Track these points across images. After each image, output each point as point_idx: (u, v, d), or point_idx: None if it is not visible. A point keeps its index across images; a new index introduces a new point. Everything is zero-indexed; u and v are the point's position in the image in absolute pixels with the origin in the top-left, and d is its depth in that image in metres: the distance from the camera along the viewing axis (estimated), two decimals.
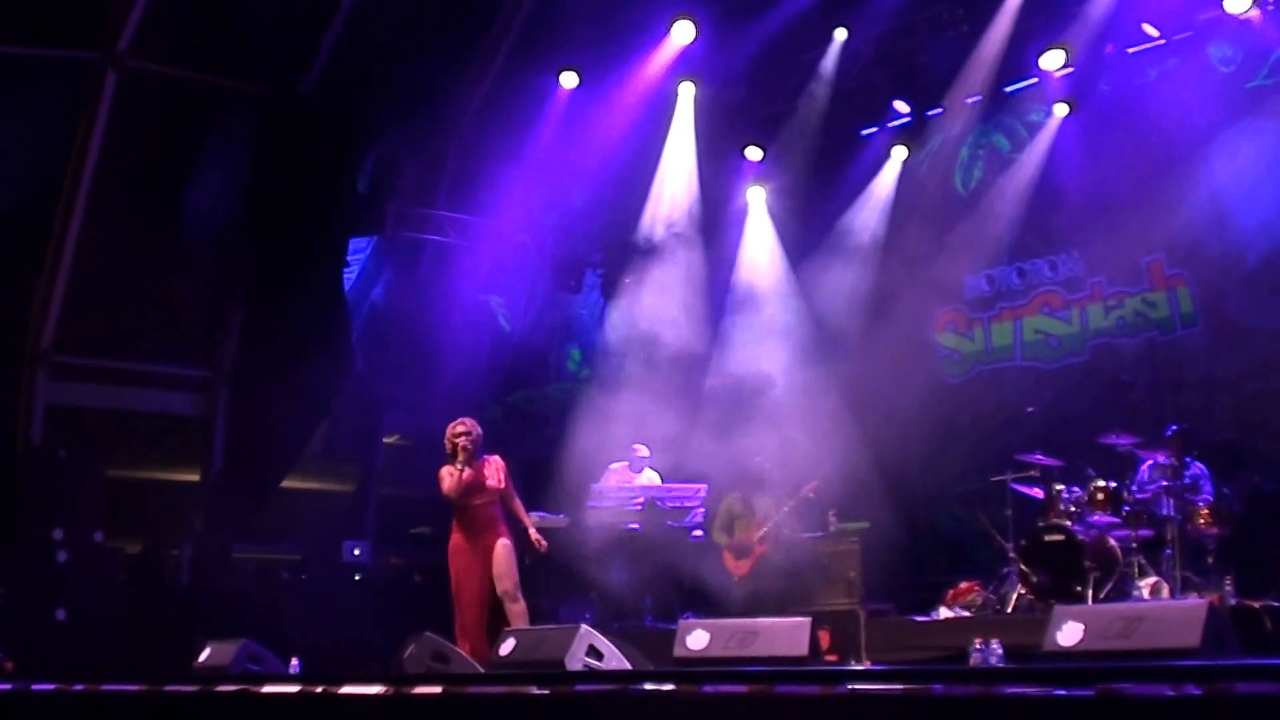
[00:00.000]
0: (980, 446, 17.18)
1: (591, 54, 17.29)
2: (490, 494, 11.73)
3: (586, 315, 20.65)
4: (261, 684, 8.17)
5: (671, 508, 15.20)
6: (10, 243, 16.19)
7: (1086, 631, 6.79)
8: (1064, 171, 17.06)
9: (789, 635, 7.86)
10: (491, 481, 11.73)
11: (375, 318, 19.41)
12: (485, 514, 11.72)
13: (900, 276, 18.56)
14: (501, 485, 11.80)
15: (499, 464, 11.88)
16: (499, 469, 11.83)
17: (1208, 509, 12.59)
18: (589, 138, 17.63)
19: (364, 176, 17.97)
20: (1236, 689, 4.46)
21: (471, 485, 11.61)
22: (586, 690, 6.40)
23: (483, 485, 11.69)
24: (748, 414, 16.66)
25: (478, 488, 11.66)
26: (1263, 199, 15.23)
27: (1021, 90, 17.54)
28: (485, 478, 11.71)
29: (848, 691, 5.34)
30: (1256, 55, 15.58)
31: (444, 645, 9.57)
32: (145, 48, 16.26)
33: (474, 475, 11.63)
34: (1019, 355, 17.80)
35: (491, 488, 11.72)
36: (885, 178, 18.47)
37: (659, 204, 18.27)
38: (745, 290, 18.78)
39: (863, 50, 17.97)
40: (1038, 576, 12.91)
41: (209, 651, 10.67)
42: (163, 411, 17.68)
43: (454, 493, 11.62)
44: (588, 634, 8.70)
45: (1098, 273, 16.99)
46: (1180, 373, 14.96)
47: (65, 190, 16.32)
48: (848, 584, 14.24)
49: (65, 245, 16.37)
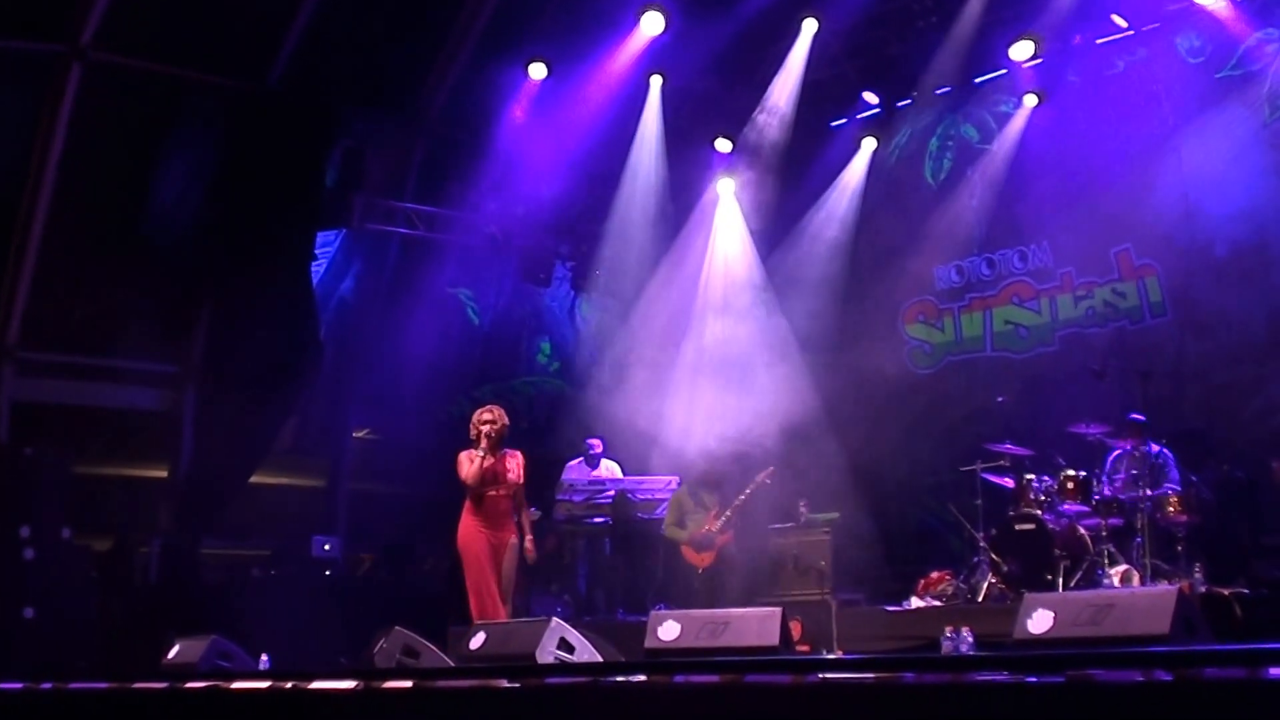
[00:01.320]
0: (951, 436, 17.21)
1: (560, 45, 17.23)
2: (509, 486, 11.62)
3: (556, 308, 20.62)
4: (231, 680, 8.14)
5: (642, 499, 15.20)
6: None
7: (1056, 619, 6.80)
8: (1033, 162, 17.08)
9: (760, 625, 7.85)
10: (512, 475, 11.63)
11: (344, 311, 19.33)
12: (503, 505, 11.61)
13: (870, 267, 18.62)
14: (520, 480, 11.70)
15: (520, 460, 11.78)
16: (520, 464, 11.74)
17: (1177, 497, 12.62)
18: (558, 129, 17.58)
19: (331, 169, 17.88)
20: (1206, 674, 4.47)
21: (490, 475, 11.50)
22: (557, 683, 6.38)
23: (503, 477, 11.58)
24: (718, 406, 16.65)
25: (497, 478, 11.54)
26: (1231, 189, 15.25)
27: (990, 81, 17.57)
28: (506, 470, 11.60)
29: (819, 681, 5.33)
30: (1224, 46, 15.62)
31: (414, 639, 9.53)
32: (110, 40, 16.13)
33: (494, 465, 11.52)
34: (989, 345, 17.83)
35: (511, 481, 11.62)
36: (855, 169, 18.48)
37: (628, 196, 18.22)
38: (715, 282, 18.75)
39: (832, 42, 17.95)
40: (1008, 565, 12.95)
41: (178, 648, 10.63)
42: (130, 407, 17.56)
43: (472, 479, 11.48)
44: (559, 627, 8.69)
45: (1067, 263, 17.02)
46: (1149, 362, 14.96)
47: (30, 184, 16.18)
48: (819, 574, 14.24)
49: (30, 240, 16.22)
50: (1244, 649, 4.85)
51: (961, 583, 13.66)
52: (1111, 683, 4.53)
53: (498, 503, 11.56)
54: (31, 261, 16.31)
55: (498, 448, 11.57)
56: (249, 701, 7.56)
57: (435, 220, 18.54)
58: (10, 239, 16.21)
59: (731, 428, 16.25)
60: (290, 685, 7.40)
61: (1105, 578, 12.33)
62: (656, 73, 17.63)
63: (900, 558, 17.52)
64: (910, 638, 12.47)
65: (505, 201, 18.79)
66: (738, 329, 18.03)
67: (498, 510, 11.56)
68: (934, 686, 4.94)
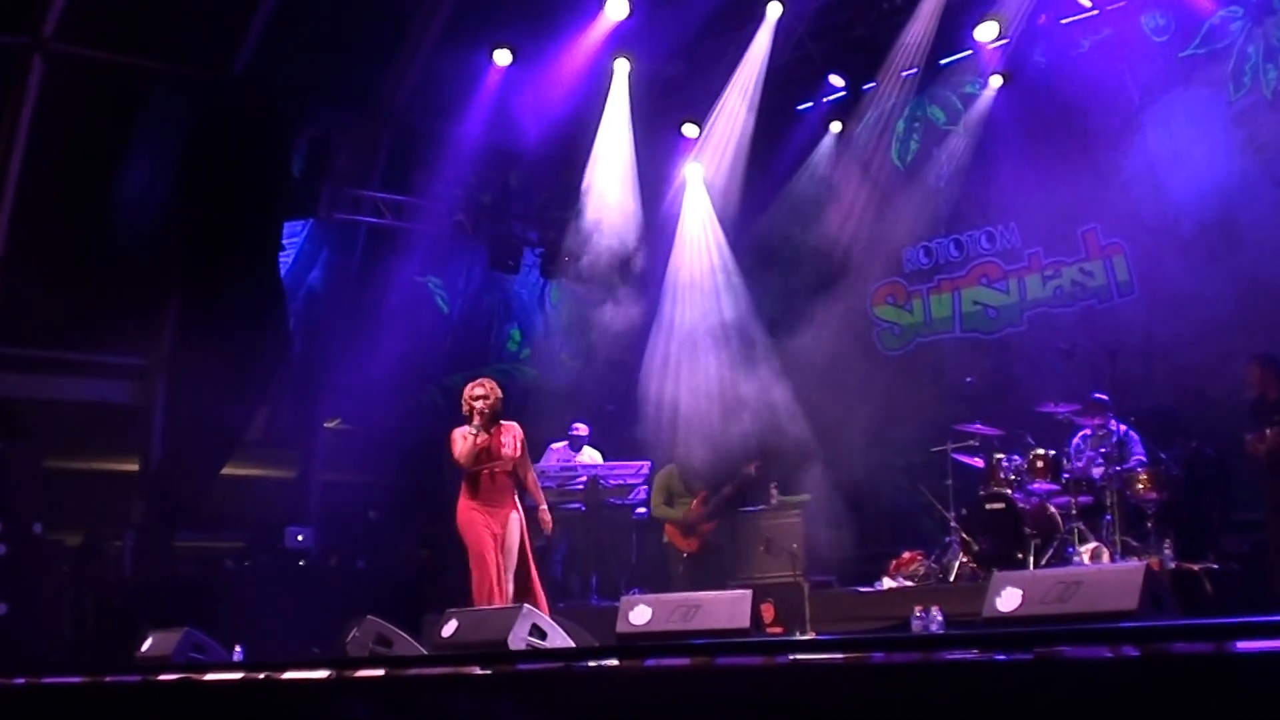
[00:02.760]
0: (921, 418, 17.22)
1: (525, 31, 17.18)
2: (506, 462, 11.26)
3: (526, 295, 20.59)
4: (204, 672, 8.13)
5: (614, 485, 15.24)
6: None
7: (1025, 597, 6.85)
8: (1000, 143, 17.11)
9: (730, 608, 7.90)
10: (508, 450, 11.25)
11: (312, 301, 19.26)
12: (501, 482, 11.26)
13: (838, 250, 18.61)
14: (517, 454, 11.34)
15: (517, 432, 11.43)
16: (516, 437, 11.38)
17: (1147, 474, 12.71)
18: (524, 115, 17.55)
19: (298, 159, 17.80)
20: (1174, 649, 4.49)
21: (486, 452, 11.17)
22: (529, 669, 6.39)
23: (498, 452, 11.22)
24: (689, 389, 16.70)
25: (493, 455, 11.21)
26: (1197, 167, 15.31)
27: (956, 63, 17.58)
28: (501, 445, 11.23)
29: (789, 662, 5.35)
30: (1189, 24, 15.68)
31: (387, 628, 9.54)
32: (72, 32, 16.02)
33: (488, 441, 11.15)
34: (958, 326, 17.88)
35: (508, 456, 11.25)
36: (822, 152, 18.50)
37: (596, 182, 18.19)
38: (683, 266, 18.77)
39: (796, 25, 17.96)
40: (979, 545, 13.03)
41: (151, 641, 10.64)
42: (99, 401, 17.48)
43: (465, 458, 11.13)
44: (530, 613, 8.71)
45: (1034, 243, 17.08)
46: (1118, 341, 15.02)
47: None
48: (791, 557, 14.28)
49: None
50: (1211, 623, 4.87)
51: (933, 563, 13.72)
52: (1079, 659, 4.55)
53: (496, 480, 11.23)
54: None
55: (492, 423, 11.20)
56: (222, 693, 7.55)
57: (403, 209, 18.49)
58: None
59: (703, 412, 16.30)
60: (263, 676, 7.40)
61: (1075, 555, 12.41)
62: (622, 57, 17.58)
63: (872, 539, 17.58)
64: (882, 618, 12.54)
65: (473, 189, 18.76)
66: (707, 313, 18.06)
67: (495, 488, 11.21)
68: (903, 666, 4.96)
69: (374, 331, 18.69)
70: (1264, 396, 12.46)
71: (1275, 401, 12.34)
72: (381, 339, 18.68)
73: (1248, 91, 15.23)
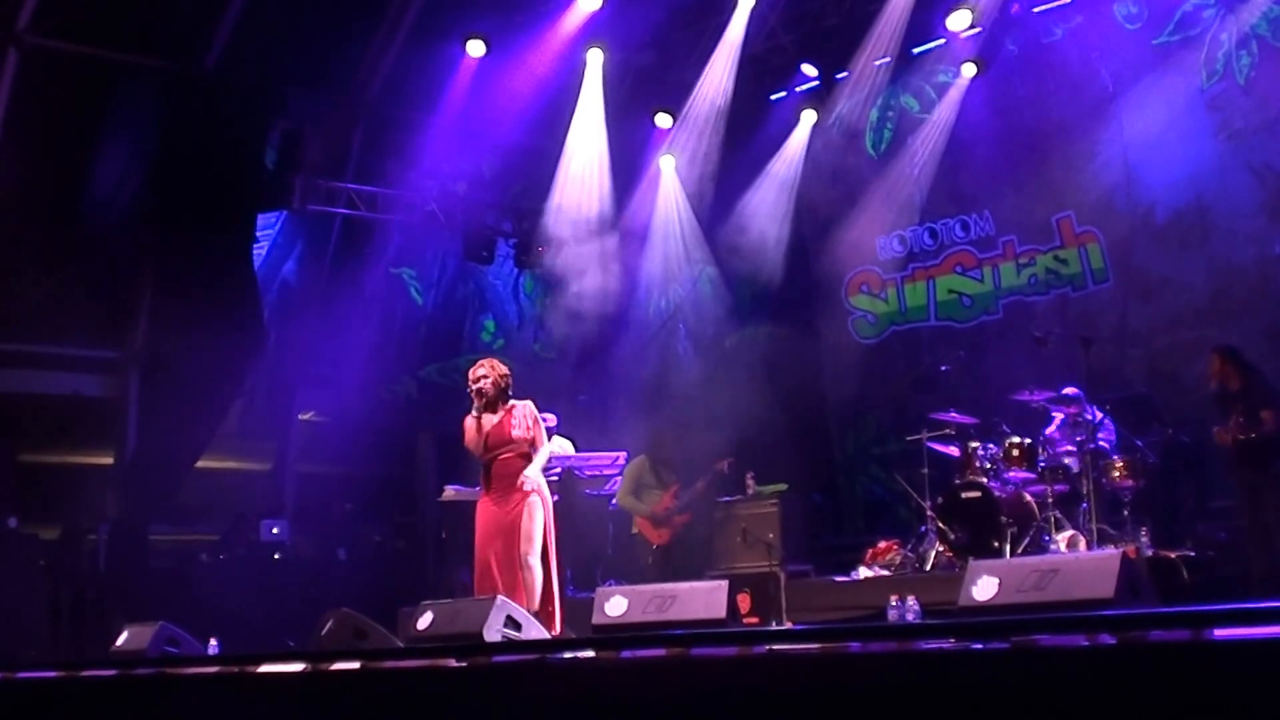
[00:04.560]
0: (896, 406, 17.32)
1: (498, 21, 17.13)
2: (517, 445, 10.56)
3: (500, 286, 20.56)
4: (179, 666, 8.11)
5: (590, 476, 15.19)
6: None
7: (1001, 585, 6.85)
8: (973, 131, 17.14)
9: (707, 598, 7.89)
10: (518, 432, 10.56)
11: (286, 293, 19.21)
12: (512, 466, 10.54)
13: (813, 239, 18.65)
14: (529, 436, 10.60)
15: (528, 411, 10.70)
16: (528, 415, 10.66)
17: (1122, 462, 12.74)
18: (498, 106, 17.51)
19: (271, 151, 17.77)
20: (1150, 637, 4.50)
21: (494, 437, 10.53)
22: (505, 661, 6.37)
23: (506, 435, 10.54)
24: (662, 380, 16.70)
25: (502, 440, 10.55)
26: (1170, 155, 15.39)
27: (929, 51, 17.57)
28: (510, 428, 10.55)
29: (765, 652, 5.35)
30: (1162, 12, 15.72)
31: (362, 620, 9.51)
32: (46, 25, 15.96)
33: (496, 427, 10.52)
34: (932, 315, 17.89)
35: (519, 439, 10.56)
36: (795, 141, 18.47)
37: (570, 171, 18.18)
38: (657, 256, 18.78)
39: (770, 15, 17.95)
40: (956, 534, 13.04)
41: (126, 635, 10.60)
42: (72, 394, 17.41)
43: (474, 447, 10.58)
44: (504, 604, 8.69)
45: (1009, 231, 17.11)
46: (1093, 328, 15.08)
47: None
48: (767, 546, 14.30)
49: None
50: (1187, 610, 4.88)
51: (909, 552, 13.74)
52: (1056, 648, 4.55)
53: (509, 464, 10.54)
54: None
55: (496, 405, 10.57)
56: (198, 686, 7.53)
57: (376, 200, 18.43)
58: None
59: (678, 402, 16.31)
60: (238, 669, 7.38)
61: (1052, 543, 12.44)
62: (596, 47, 17.56)
63: (848, 528, 17.67)
64: (859, 608, 12.55)
65: (446, 180, 18.72)
66: (680, 303, 18.08)
67: (508, 473, 10.52)
68: (879, 655, 4.96)
69: (348, 323, 18.65)
70: (1225, 387, 12.53)
71: (1236, 392, 12.41)
72: (356, 330, 18.65)
73: (1220, 78, 15.27)
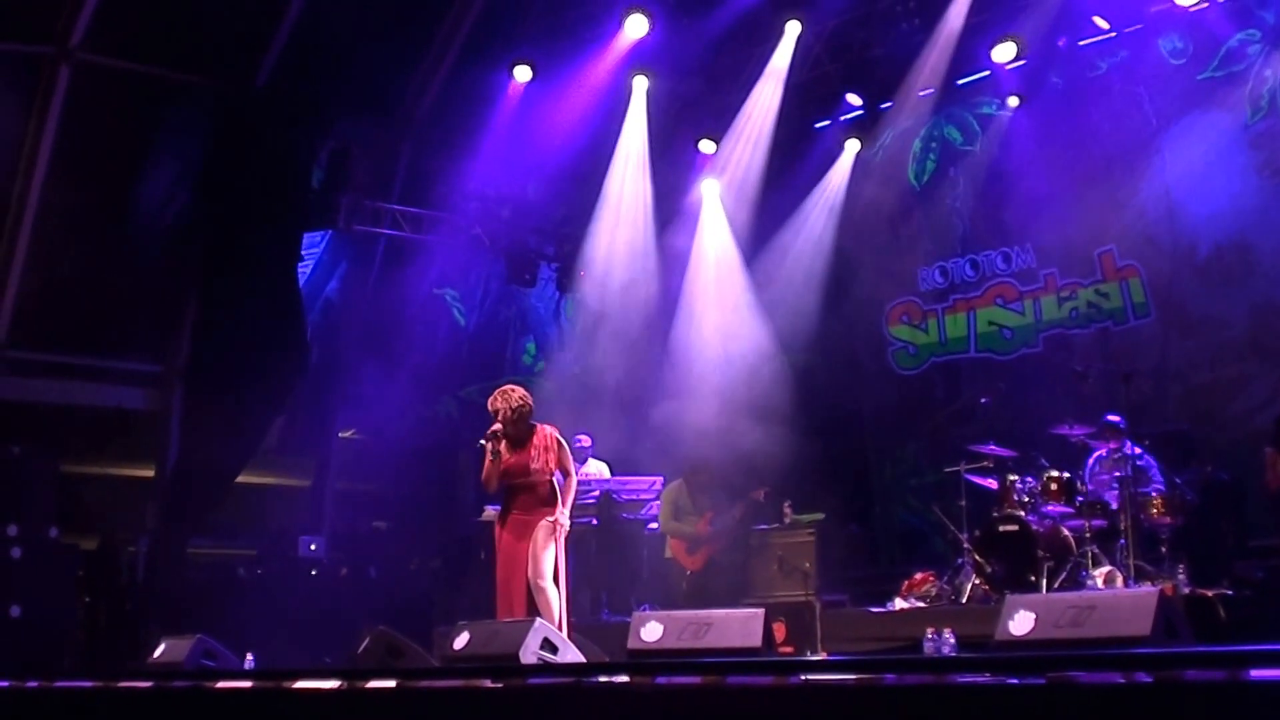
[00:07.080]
0: (934, 438, 17.26)
1: (545, 48, 17.27)
2: (538, 474, 10.48)
3: (541, 308, 20.62)
4: (216, 680, 8.16)
5: (627, 500, 15.19)
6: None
7: (1038, 620, 6.82)
8: (1016, 164, 17.12)
9: (742, 627, 7.88)
10: (537, 464, 10.46)
11: (330, 312, 19.32)
12: (531, 495, 10.54)
13: (854, 268, 18.63)
14: (550, 467, 10.52)
15: (548, 437, 10.60)
16: (547, 442, 10.56)
17: (1160, 499, 12.67)
18: (543, 131, 17.60)
19: (318, 170, 17.87)
20: (1186, 676, 4.50)
21: (513, 469, 10.46)
22: (540, 683, 6.41)
23: (525, 468, 10.47)
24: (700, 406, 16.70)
25: (523, 470, 10.47)
26: (1213, 190, 15.36)
27: (973, 83, 17.56)
28: (530, 459, 10.48)
29: (800, 682, 5.36)
30: (1207, 47, 15.68)
31: (398, 639, 9.54)
32: (99, 42, 16.14)
33: (513, 460, 10.43)
34: (972, 347, 17.85)
35: (538, 470, 10.48)
36: (838, 170, 18.47)
37: (613, 197, 18.25)
38: (699, 283, 18.80)
39: (815, 44, 18.00)
40: (992, 567, 12.96)
41: (163, 648, 10.64)
42: (117, 406, 17.54)
43: (487, 483, 10.60)
44: (542, 627, 8.70)
45: (1050, 264, 17.07)
46: (1133, 363, 15.04)
47: (18, 185, 16.18)
48: (803, 576, 14.26)
49: (19, 240, 16.23)
50: (1224, 650, 4.89)
51: (945, 584, 13.68)
52: (1092, 684, 4.56)
53: (534, 490, 10.51)
54: (20, 261, 16.31)
55: (520, 432, 10.49)
56: (233, 701, 7.58)
57: (421, 221, 18.53)
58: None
59: (717, 428, 16.30)
60: (274, 685, 7.43)
61: (1089, 579, 12.36)
62: (641, 74, 17.64)
63: (885, 559, 17.62)
64: (894, 639, 12.48)
65: (491, 203, 18.82)
66: (722, 330, 18.08)
67: (524, 500, 10.51)
68: (915, 688, 4.97)
69: (391, 342, 18.74)
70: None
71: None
72: (398, 350, 18.74)
73: (1265, 115, 15.23)
